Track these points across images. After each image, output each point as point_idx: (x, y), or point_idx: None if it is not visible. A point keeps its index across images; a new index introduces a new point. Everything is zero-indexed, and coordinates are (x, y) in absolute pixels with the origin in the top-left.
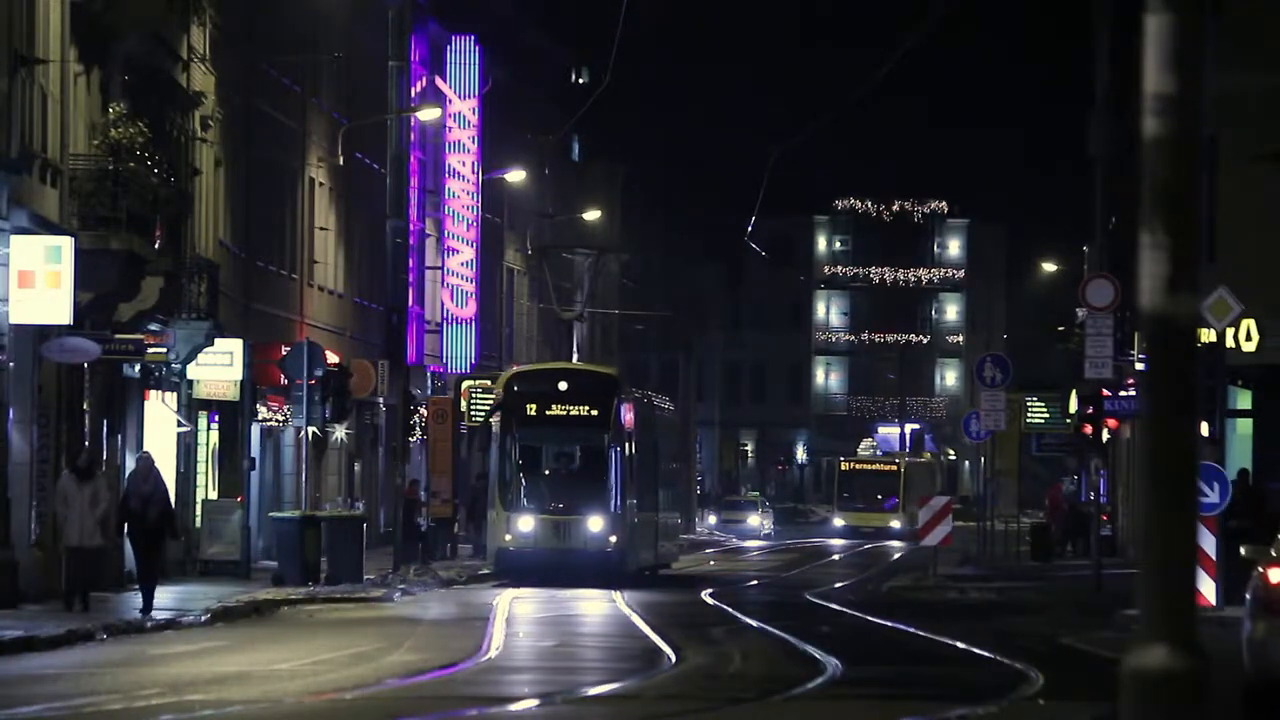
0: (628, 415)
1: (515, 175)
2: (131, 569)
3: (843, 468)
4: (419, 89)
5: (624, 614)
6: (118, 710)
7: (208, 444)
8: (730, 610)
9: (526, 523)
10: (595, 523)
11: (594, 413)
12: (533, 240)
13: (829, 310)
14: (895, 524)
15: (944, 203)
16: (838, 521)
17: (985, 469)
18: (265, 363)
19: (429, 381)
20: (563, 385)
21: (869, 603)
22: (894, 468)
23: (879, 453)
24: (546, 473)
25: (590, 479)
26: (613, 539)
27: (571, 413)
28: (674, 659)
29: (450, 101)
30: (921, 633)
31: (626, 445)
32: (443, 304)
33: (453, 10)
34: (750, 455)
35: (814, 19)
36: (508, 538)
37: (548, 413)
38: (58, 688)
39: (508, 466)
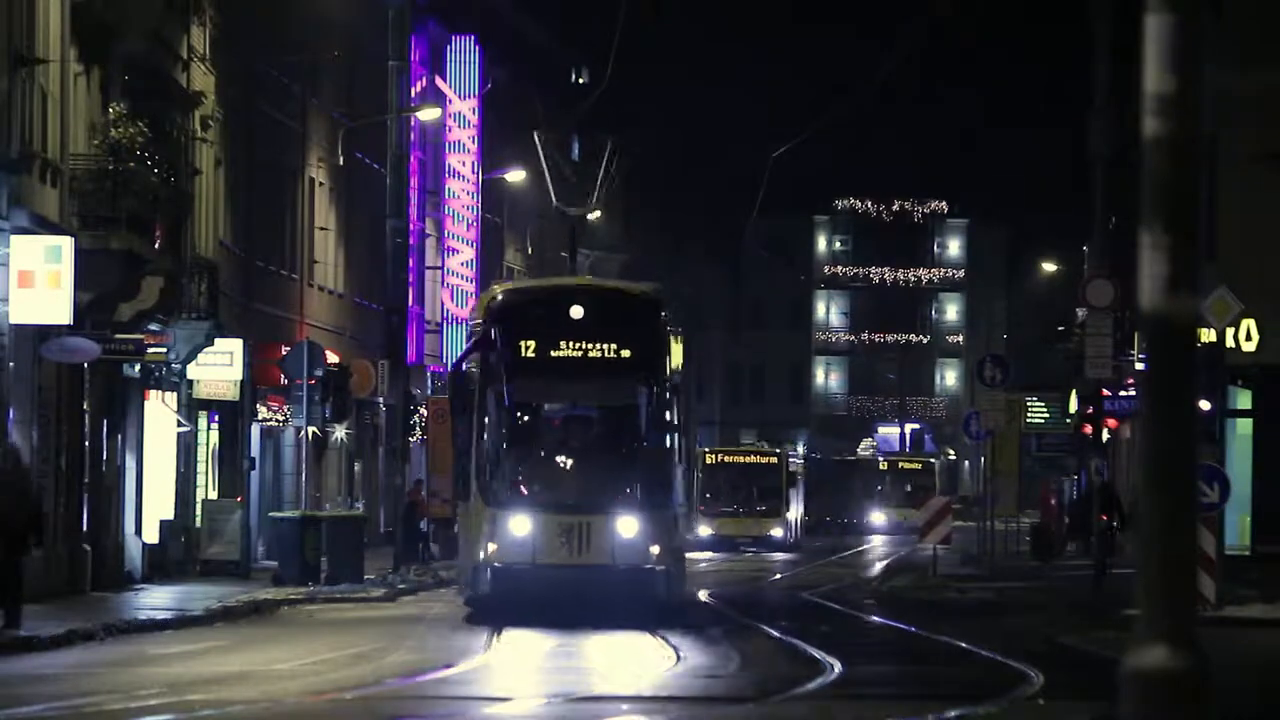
0: (674, 358)
1: (515, 175)
2: (131, 568)
3: (708, 461)
4: (419, 89)
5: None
6: (118, 710)
7: (208, 444)
8: (730, 610)
9: (522, 525)
10: (629, 526)
11: (626, 354)
12: (541, 115)
13: (829, 310)
14: (776, 532)
15: (944, 203)
16: (702, 530)
17: (985, 469)
18: (265, 363)
19: (429, 381)
20: (577, 311)
21: (869, 603)
22: (773, 461)
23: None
24: (553, 449)
25: (619, 459)
26: (655, 550)
27: (591, 354)
28: (674, 659)
29: (450, 101)
30: (921, 633)
31: (671, 405)
32: (443, 304)
33: (453, 10)
34: None
35: (814, 19)
36: (492, 548)
37: (554, 354)
38: (58, 688)
39: (492, 438)
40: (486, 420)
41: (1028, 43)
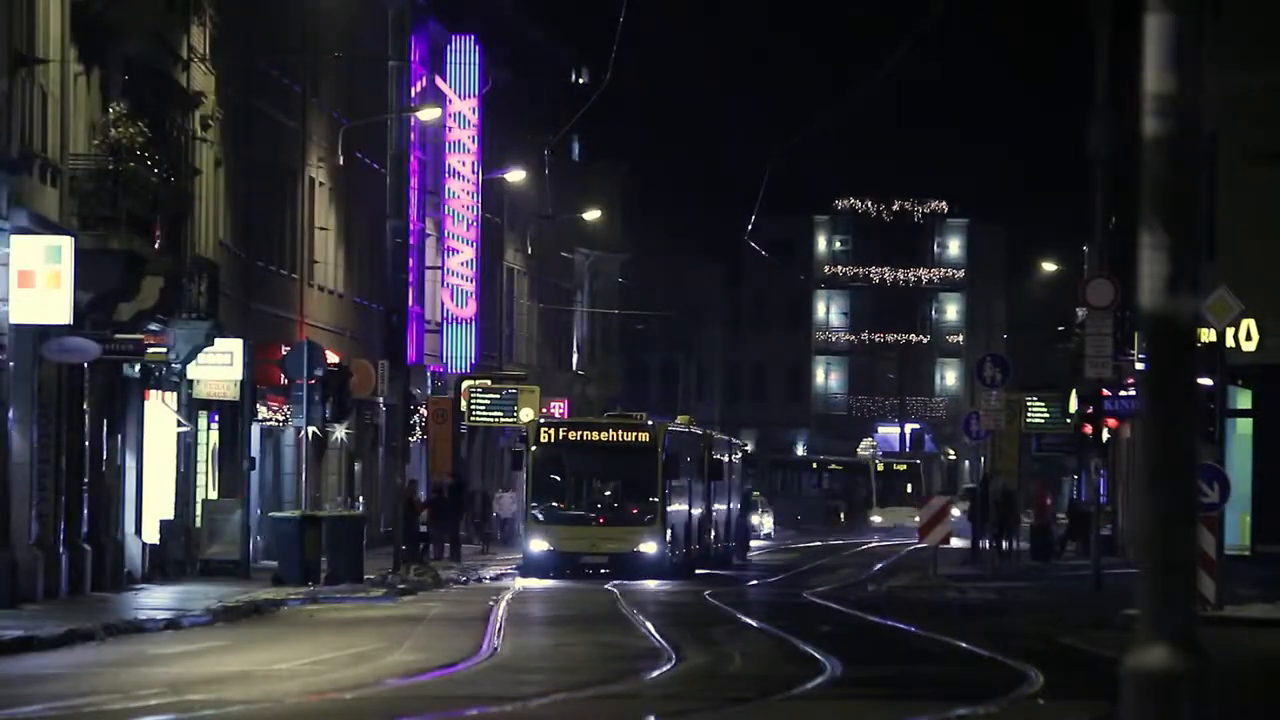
0: None
1: (515, 175)
2: (132, 568)
3: (542, 439)
4: (419, 89)
5: (623, 613)
6: (118, 710)
7: (208, 444)
8: (730, 610)
9: None
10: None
11: None
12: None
13: (829, 310)
14: (648, 547)
15: (944, 203)
16: (534, 544)
17: (985, 469)
18: (265, 363)
19: (429, 381)
20: None
21: (869, 603)
22: (643, 440)
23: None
24: None
25: None
26: None
27: None
28: (674, 659)
29: (450, 101)
30: (921, 632)
31: None
32: (443, 304)
33: (453, 10)
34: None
35: (815, 18)
36: None
37: None
38: (58, 688)
39: None
40: None
41: (1028, 42)
